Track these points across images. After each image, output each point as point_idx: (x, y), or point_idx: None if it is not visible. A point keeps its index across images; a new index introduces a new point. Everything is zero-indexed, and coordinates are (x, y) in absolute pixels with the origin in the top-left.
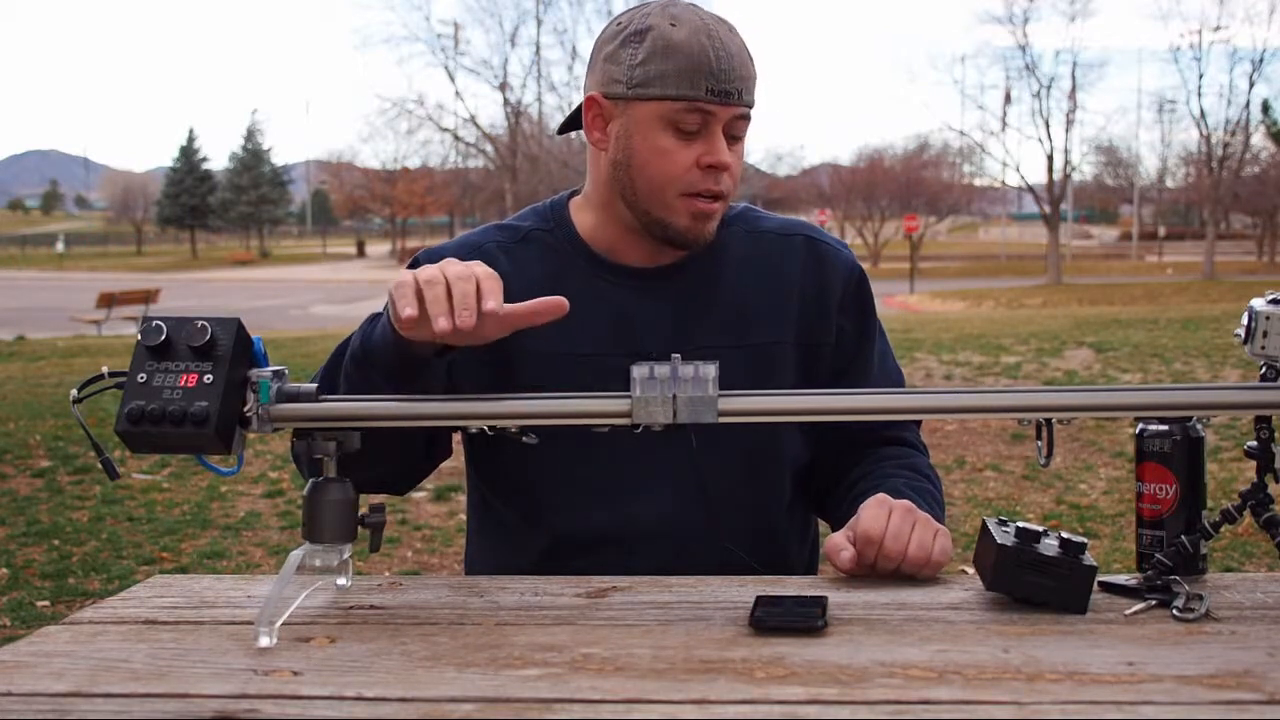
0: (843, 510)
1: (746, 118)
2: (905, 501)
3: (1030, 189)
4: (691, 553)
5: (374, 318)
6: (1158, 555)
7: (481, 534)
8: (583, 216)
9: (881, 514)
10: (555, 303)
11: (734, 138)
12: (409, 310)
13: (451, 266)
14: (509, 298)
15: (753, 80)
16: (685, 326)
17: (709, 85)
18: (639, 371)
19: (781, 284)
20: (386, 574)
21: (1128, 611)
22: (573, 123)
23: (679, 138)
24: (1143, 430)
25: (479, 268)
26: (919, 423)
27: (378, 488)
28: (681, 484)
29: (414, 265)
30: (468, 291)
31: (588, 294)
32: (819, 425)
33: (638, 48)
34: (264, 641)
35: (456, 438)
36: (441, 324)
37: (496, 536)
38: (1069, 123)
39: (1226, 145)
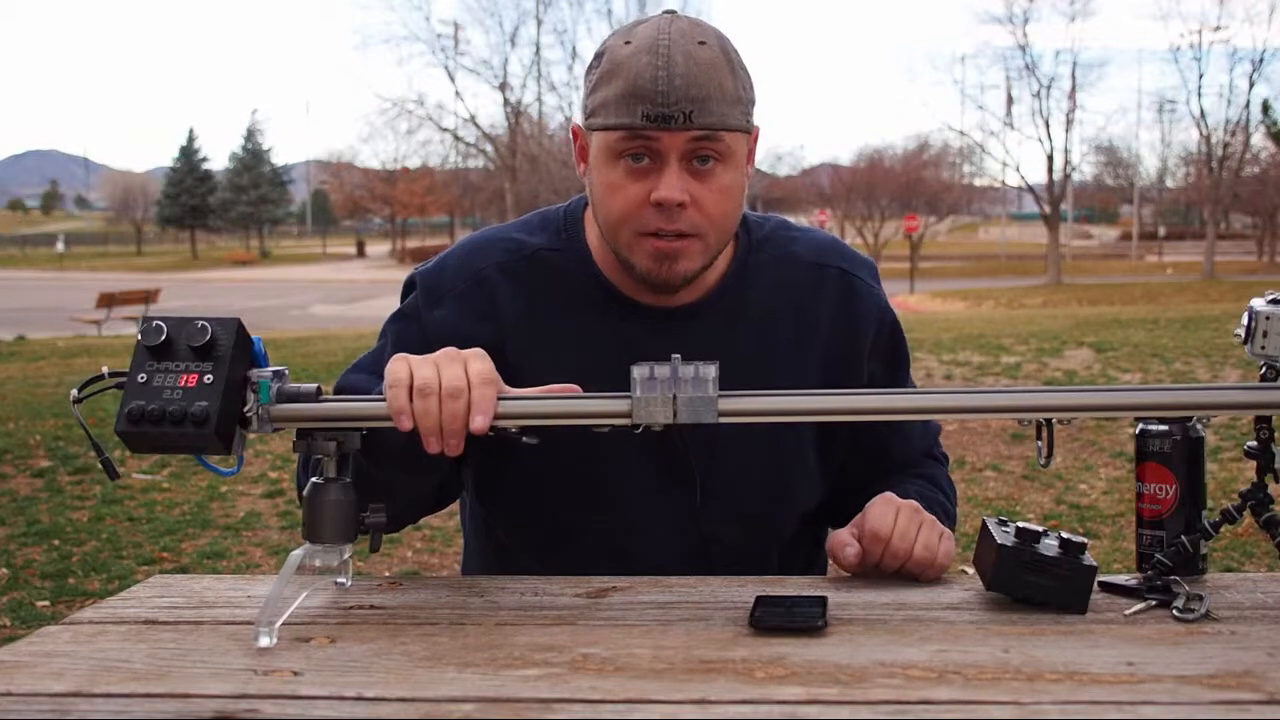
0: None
1: (712, 143)
2: (911, 501)
3: (1030, 189)
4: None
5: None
6: (1158, 555)
7: (480, 553)
8: (594, 235)
9: (889, 512)
10: (565, 390)
11: (701, 168)
12: (405, 424)
13: (447, 370)
14: (509, 324)
15: (716, 100)
16: None
17: (645, 110)
18: (639, 372)
19: (809, 326)
20: (386, 574)
21: (1128, 611)
22: None
23: (629, 171)
24: (1143, 430)
25: (475, 367)
26: (946, 463)
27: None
28: (683, 537)
29: (409, 288)
30: (457, 413)
31: (598, 329)
32: (845, 464)
33: (595, 72)
34: (264, 641)
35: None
36: (431, 445)
37: (493, 555)
38: (1069, 123)
39: (1226, 145)
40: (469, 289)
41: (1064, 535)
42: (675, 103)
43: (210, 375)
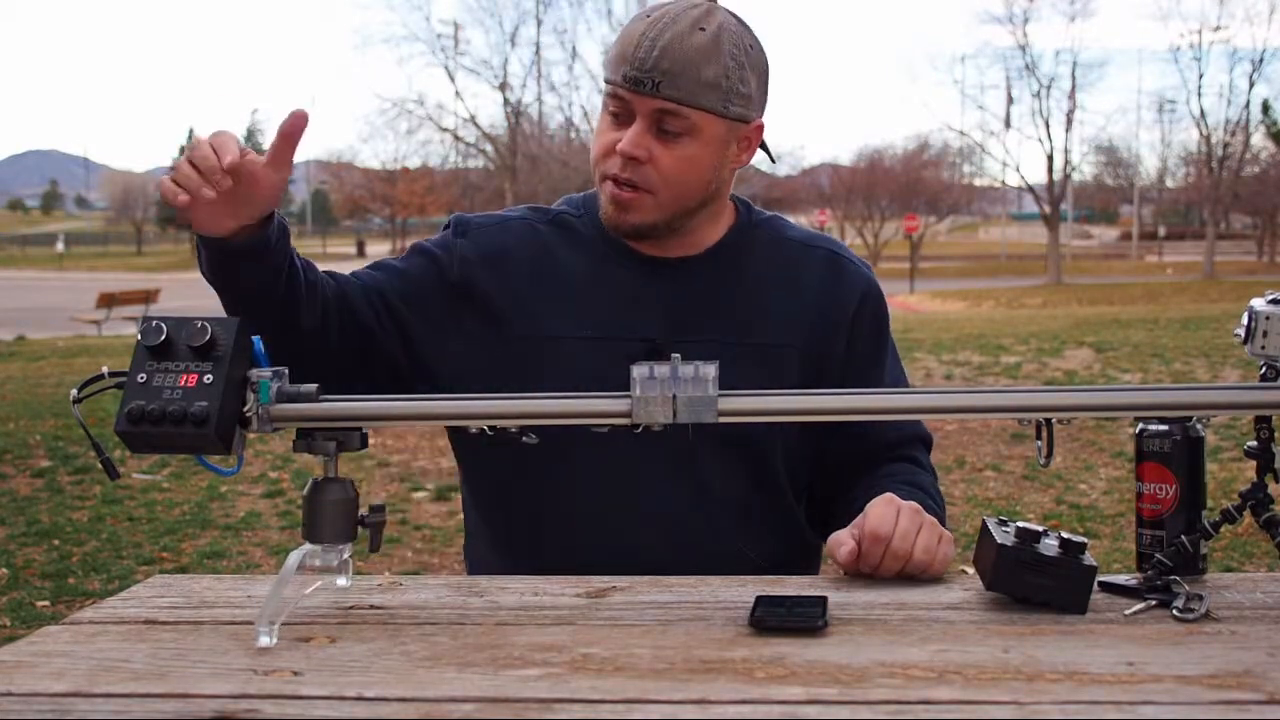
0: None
1: (677, 115)
2: (913, 503)
3: (1030, 189)
4: (692, 552)
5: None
6: (1158, 555)
7: (477, 534)
8: None
9: (889, 513)
10: (294, 116)
11: (667, 134)
12: (181, 199)
13: (195, 150)
14: (519, 262)
15: (687, 78)
16: (693, 316)
17: (625, 71)
18: (639, 371)
19: (797, 292)
20: (386, 574)
21: (1128, 611)
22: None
23: (611, 121)
24: (1143, 430)
25: (209, 135)
26: (929, 446)
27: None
28: (681, 483)
29: (448, 225)
30: (206, 157)
31: (595, 275)
32: (825, 447)
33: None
34: (264, 641)
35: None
36: (205, 193)
37: (493, 534)
38: (1069, 123)
39: (1226, 145)
40: (493, 229)
41: (1064, 535)
42: (648, 70)
43: (210, 375)
